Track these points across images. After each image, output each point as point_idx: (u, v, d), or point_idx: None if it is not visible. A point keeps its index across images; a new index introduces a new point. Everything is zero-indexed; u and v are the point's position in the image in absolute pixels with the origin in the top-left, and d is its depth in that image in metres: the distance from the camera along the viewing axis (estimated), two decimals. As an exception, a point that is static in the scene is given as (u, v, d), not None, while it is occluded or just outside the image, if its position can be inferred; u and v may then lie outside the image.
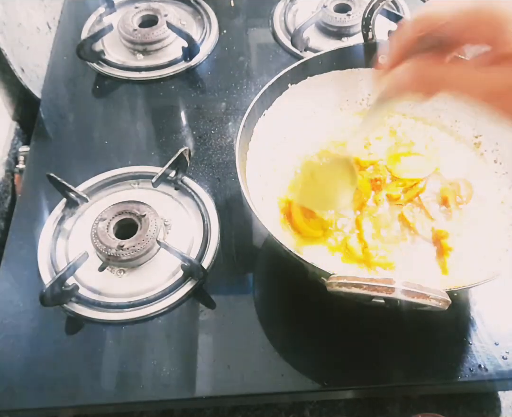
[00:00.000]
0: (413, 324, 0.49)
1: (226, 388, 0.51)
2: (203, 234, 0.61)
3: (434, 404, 0.56)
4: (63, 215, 0.63)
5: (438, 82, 0.36)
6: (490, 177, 0.59)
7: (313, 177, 0.55)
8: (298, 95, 0.62)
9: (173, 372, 0.52)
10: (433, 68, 0.36)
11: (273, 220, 0.56)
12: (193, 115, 0.75)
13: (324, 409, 0.57)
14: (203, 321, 0.55)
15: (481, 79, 0.34)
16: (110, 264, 0.59)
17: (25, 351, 0.54)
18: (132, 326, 0.55)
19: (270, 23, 0.87)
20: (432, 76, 0.36)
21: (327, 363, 0.53)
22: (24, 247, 0.61)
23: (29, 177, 0.69)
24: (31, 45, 0.81)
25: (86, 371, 0.53)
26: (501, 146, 0.59)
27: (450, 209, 0.56)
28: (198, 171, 0.68)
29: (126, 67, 0.81)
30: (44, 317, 0.56)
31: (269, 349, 0.53)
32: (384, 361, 0.52)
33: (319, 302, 0.52)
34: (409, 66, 0.37)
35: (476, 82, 0.34)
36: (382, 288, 0.38)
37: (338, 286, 0.40)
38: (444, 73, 0.36)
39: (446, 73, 0.36)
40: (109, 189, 0.67)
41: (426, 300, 0.38)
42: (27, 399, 0.51)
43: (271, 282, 0.59)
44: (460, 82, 0.35)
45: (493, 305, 0.56)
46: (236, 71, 0.80)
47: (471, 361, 0.52)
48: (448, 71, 0.36)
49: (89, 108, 0.77)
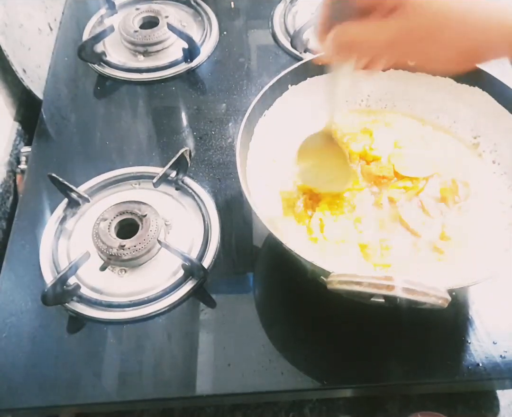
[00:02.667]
0: (412, 323, 0.50)
1: (227, 386, 0.52)
2: (203, 234, 0.62)
3: (433, 403, 0.57)
4: (65, 215, 0.64)
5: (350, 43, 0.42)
6: (489, 177, 0.59)
7: (309, 159, 0.56)
8: (298, 96, 0.62)
9: (174, 370, 0.52)
10: (344, 30, 0.42)
11: (273, 219, 0.56)
12: (194, 116, 0.75)
13: (324, 407, 0.57)
14: (204, 320, 0.56)
15: (377, 31, 0.40)
16: (111, 264, 0.59)
17: (27, 350, 0.54)
18: (133, 325, 0.55)
19: (270, 24, 0.88)
20: (343, 38, 0.42)
21: (326, 362, 0.53)
22: (26, 247, 0.62)
23: (31, 177, 0.69)
24: (32, 46, 0.82)
25: (87, 370, 0.53)
26: (500, 146, 0.60)
27: (449, 209, 0.56)
28: (198, 172, 0.68)
29: (127, 68, 0.81)
30: (46, 316, 0.56)
31: (269, 348, 0.53)
32: (383, 359, 0.53)
33: (319, 301, 0.53)
34: (332, 32, 0.42)
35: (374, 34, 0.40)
36: (382, 285, 0.39)
37: (338, 284, 0.41)
38: (352, 32, 0.41)
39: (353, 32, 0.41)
40: (111, 189, 0.67)
41: (426, 297, 0.38)
42: (28, 398, 0.51)
43: (271, 281, 0.60)
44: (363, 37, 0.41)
45: (491, 304, 0.56)
46: (236, 72, 0.81)
47: (470, 360, 0.52)
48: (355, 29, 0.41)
49: (90, 109, 0.77)
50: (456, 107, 0.62)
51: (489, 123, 0.60)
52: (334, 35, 0.42)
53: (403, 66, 0.58)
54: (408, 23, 0.39)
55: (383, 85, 0.64)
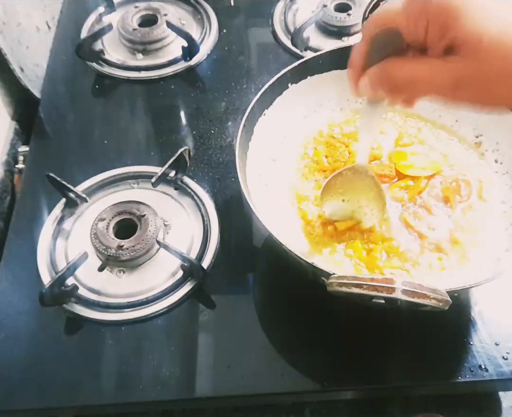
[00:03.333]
0: (413, 324, 0.49)
1: (226, 388, 0.51)
2: (203, 234, 0.61)
3: (434, 405, 0.56)
4: (63, 215, 0.63)
5: (406, 82, 0.37)
6: (491, 177, 0.59)
7: (339, 191, 0.54)
8: (298, 95, 0.62)
9: (173, 372, 0.52)
10: (398, 67, 0.38)
11: (274, 218, 0.56)
12: (193, 115, 0.75)
13: (324, 409, 0.57)
14: (203, 321, 0.55)
15: (441, 70, 0.35)
16: (109, 264, 0.59)
17: (25, 351, 0.54)
18: (132, 326, 0.55)
19: (270, 22, 0.87)
20: (397, 75, 0.37)
21: (327, 364, 0.52)
22: (23, 247, 0.61)
23: (29, 177, 0.68)
24: (30, 45, 0.81)
25: (85, 371, 0.52)
26: (502, 146, 0.59)
27: (452, 209, 0.56)
28: (198, 171, 0.68)
29: (126, 67, 0.81)
30: (44, 317, 0.56)
31: (269, 349, 0.53)
32: (384, 361, 0.52)
33: (319, 302, 0.52)
34: (374, 68, 0.39)
35: (438, 74, 0.36)
36: (383, 288, 0.38)
37: (339, 286, 0.40)
38: (409, 70, 0.37)
39: (411, 69, 0.37)
40: (109, 189, 0.67)
41: (427, 300, 0.38)
42: (26, 400, 0.51)
43: (271, 282, 0.59)
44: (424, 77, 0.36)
45: (493, 305, 0.56)
46: (236, 71, 0.80)
47: (472, 361, 0.52)
48: (412, 67, 0.37)
49: (88, 107, 0.77)
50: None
51: (491, 122, 0.60)
52: (381, 71, 0.38)
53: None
54: (478, 63, 0.34)
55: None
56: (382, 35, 0.38)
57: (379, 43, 0.39)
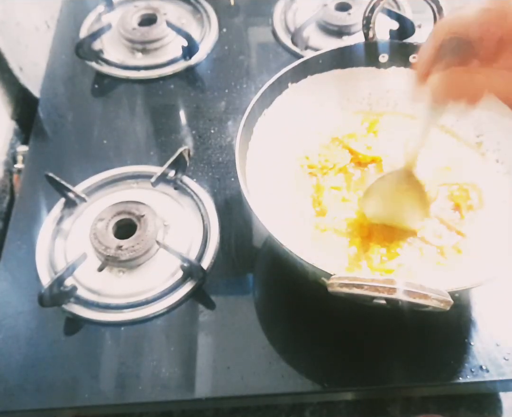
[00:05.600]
0: (414, 325, 0.49)
1: (226, 389, 0.51)
2: (202, 234, 0.61)
3: (435, 405, 0.56)
4: (62, 215, 0.63)
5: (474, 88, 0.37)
6: (492, 177, 0.59)
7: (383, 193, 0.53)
8: (298, 94, 0.61)
9: (173, 373, 0.52)
10: (464, 74, 0.37)
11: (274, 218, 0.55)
12: (193, 115, 0.75)
13: (325, 410, 0.56)
14: (203, 321, 0.55)
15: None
16: (109, 265, 0.59)
17: (24, 352, 0.53)
18: (131, 327, 0.55)
19: (270, 21, 0.87)
20: (464, 82, 0.37)
21: (327, 364, 0.52)
22: (22, 247, 0.61)
23: (28, 177, 0.68)
24: (29, 44, 0.81)
25: (84, 372, 0.52)
26: (503, 145, 0.59)
27: (462, 215, 0.56)
28: (197, 171, 0.68)
29: (125, 66, 0.80)
30: (43, 318, 0.55)
31: (269, 350, 0.53)
32: (384, 362, 0.52)
33: (319, 303, 0.52)
34: (442, 75, 0.38)
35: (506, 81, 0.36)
36: (384, 288, 0.38)
37: (339, 286, 0.40)
38: (475, 77, 0.37)
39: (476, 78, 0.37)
40: (108, 189, 0.66)
41: (428, 300, 0.38)
42: (25, 400, 0.51)
43: (271, 283, 0.59)
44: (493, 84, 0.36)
45: (494, 306, 0.56)
46: (236, 70, 0.80)
47: (473, 362, 0.52)
48: (479, 75, 0.37)
49: (88, 107, 0.77)
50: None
51: (492, 121, 0.59)
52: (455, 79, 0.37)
53: None
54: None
55: (384, 84, 0.64)
56: (451, 40, 0.38)
57: (446, 49, 0.38)
